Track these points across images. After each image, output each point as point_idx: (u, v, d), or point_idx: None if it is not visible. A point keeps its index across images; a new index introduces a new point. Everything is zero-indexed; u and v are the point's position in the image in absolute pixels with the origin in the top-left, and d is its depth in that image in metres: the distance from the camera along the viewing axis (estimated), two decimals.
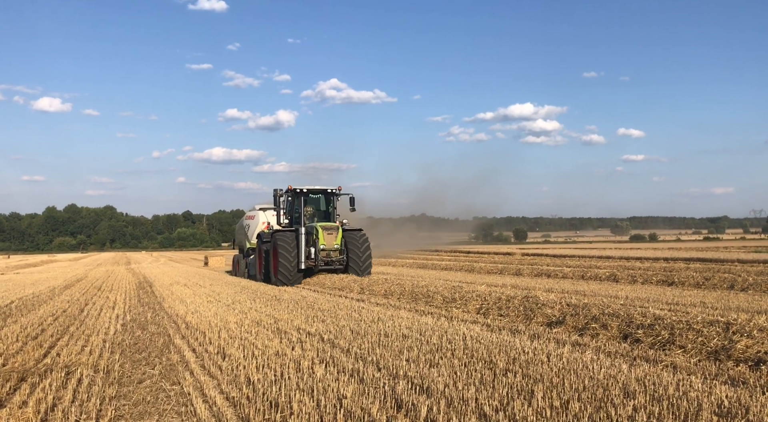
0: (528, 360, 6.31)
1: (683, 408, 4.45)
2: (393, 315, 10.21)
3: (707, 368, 6.02)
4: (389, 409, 4.61)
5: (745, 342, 6.41)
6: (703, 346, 6.66)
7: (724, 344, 6.55)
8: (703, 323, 7.14)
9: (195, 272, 28.19)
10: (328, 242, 18.72)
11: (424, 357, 6.57)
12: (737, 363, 6.12)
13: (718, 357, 6.38)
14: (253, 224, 24.75)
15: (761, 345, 6.28)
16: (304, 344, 7.51)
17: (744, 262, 21.68)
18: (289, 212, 20.40)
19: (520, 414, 4.35)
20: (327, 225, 18.97)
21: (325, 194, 20.54)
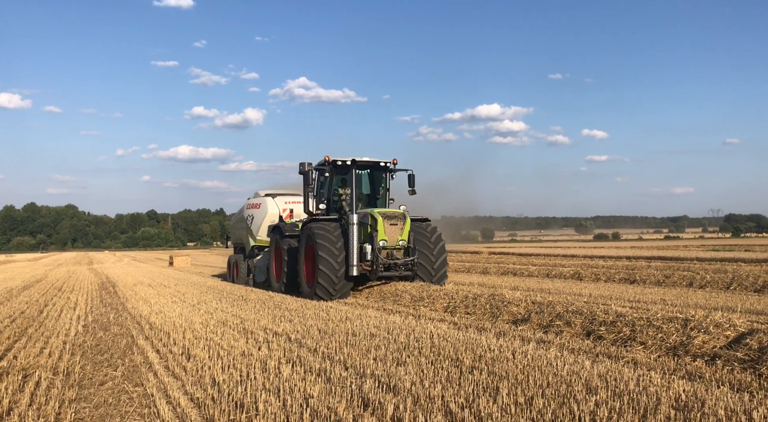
0: (494, 357, 6.38)
1: (643, 402, 4.56)
2: (361, 314, 10.21)
3: (666, 363, 6.18)
4: (356, 408, 4.61)
5: (702, 337, 6.60)
6: (663, 342, 6.84)
7: (682, 340, 6.74)
8: (663, 319, 7.33)
9: (160, 273, 27.70)
10: (391, 237, 13.21)
11: (391, 355, 6.59)
12: (694, 358, 6.30)
13: (676, 353, 6.56)
14: (258, 214, 18.97)
15: (717, 340, 6.48)
16: (271, 344, 7.45)
17: (702, 260, 22.33)
18: (324, 194, 14.87)
19: (486, 410, 4.40)
20: (389, 212, 13.34)
21: (374, 168, 14.82)
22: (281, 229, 15.49)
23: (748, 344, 6.11)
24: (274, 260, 16.12)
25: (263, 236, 18.39)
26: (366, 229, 13.32)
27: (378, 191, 15.17)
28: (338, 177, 14.91)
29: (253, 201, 19.84)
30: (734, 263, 20.34)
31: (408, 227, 13.37)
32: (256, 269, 18.23)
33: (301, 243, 14.04)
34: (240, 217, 20.85)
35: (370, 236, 13.15)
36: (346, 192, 14.76)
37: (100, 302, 13.98)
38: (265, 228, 18.17)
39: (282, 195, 19.36)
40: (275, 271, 16.09)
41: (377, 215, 13.16)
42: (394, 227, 13.23)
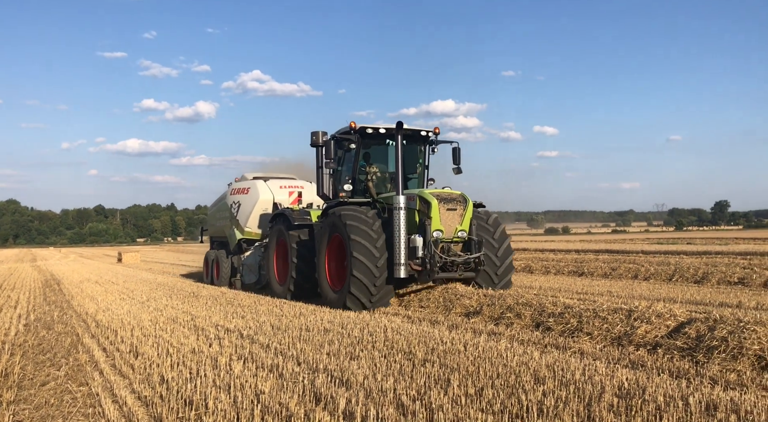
0: (446, 349, 6.46)
1: (588, 391, 4.70)
2: (315, 310, 10.18)
3: (611, 353, 6.39)
4: (308, 403, 4.59)
5: (645, 327, 6.85)
6: (608, 332, 7.06)
7: (626, 330, 6.98)
8: (609, 311, 7.56)
9: (108, 269, 26.89)
10: (449, 227, 10.22)
11: (345, 350, 6.59)
12: (637, 348, 6.54)
13: (621, 343, 6.79)
14: (246, 201, 15.84)
15: (658, 330, 6.74)
16: (222, 340, 7.34)
17: (647, 253, 23.14)
18: (348, 172, 11.73)
19: (437, 402, 4.45)
20: (445, 194, 10.43)
21: (411, 139, 11.68)
22: (288, 218, 12.45)
23: (687, 333, 6.37)
24: (275, 257, 13.15)
25: (253, 227, 15.65)
26: (413, 216, 10.30)
27: (413, 168, 12.10)
28: (364, 151, 11.85)
29: (239, 185, 16.47)
30: (677, 255, 21.17)
31: (470, 214, 10.33)
32: (245, 269, 15.22)
33: (321, 235, 11.07)
34: (221, 205, 17.38)
35: (419, 225, 10.16)
36: (373, 170, 11.80)
37: (44, 301, 13.47)
38: (256, 218, 15.57)
39: (276, 178, 16.33)
40: (277, 272, 13.10)
41: (430, 198, 10.14)
42: (452, 214, 10.23)
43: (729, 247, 25.20)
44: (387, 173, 12.23)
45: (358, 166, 11.82)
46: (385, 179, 12.15)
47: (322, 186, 12.23)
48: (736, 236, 45.19)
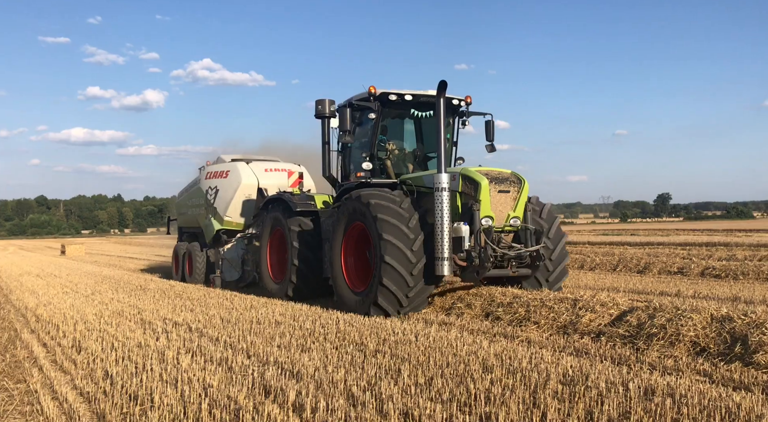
0: (397, 340, 6.51)
1: (534, 378, 4.83)
2: (267, 302, 10.07)
3: (557, 341, 6.57)
4: (257, 395, 4.55)
5: (589, 316, 7.07)
6: (554, 321, 7.25)
7: (572, 319, 7.18)
8: (555, 300, 7.77)
9: (50, 262, 25.90)
10: (500, 213, 8.46)
11: (296, 342, 6.56)
12: (582, 336, 6.74)
13: (566, 331, 6.99)
14: (226, 185, 13.94)
15: (602, 318, 6.96)
16: (170, 334, 7.19)
17: (593, 244, 23.85)
18: (366, 147, 9.96)
19: (387, 392, 4.48)
20: (495, 173, 8.62)
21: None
22: (288, 203, 10.71)
23: (629, 321, 6.61)
24: (268, 250, 11.44)
25: (234, 215, 13.79)
26: (454, 200, 8.44)
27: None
28: (390, 122, 10.25)
29: (216, 168, 14.47)
30: (621, 246, 21.89)
31: (525, 197, 8.57)
32: (225, 264, 13.45)
33: (337, 224, 9.24)
34: (194, 191, 15.30)
35: (463, 211, 8.38)
36: (391, 149, 10.17)
37: None
38: (238, 205, 13.73)
39: (259, 161, 14.50)
40: (271, 268, 11.42)
41: (479, 177, 8.31)
42: (504, 197, 8.42)
43: (670, 238, 26.25)
44: (407, 150, 10.49)
45: (377, 140, 9.92)
46: (406, 157, 10.36)
47: (328, 166, 10.28)
48: (677, 227, 47.12)
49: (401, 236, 8.15)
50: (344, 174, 10.53)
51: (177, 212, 17.03)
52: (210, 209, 14.31)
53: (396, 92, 9.70)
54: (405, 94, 9.72)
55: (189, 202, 15.81)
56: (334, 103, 10.21)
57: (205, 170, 14.92)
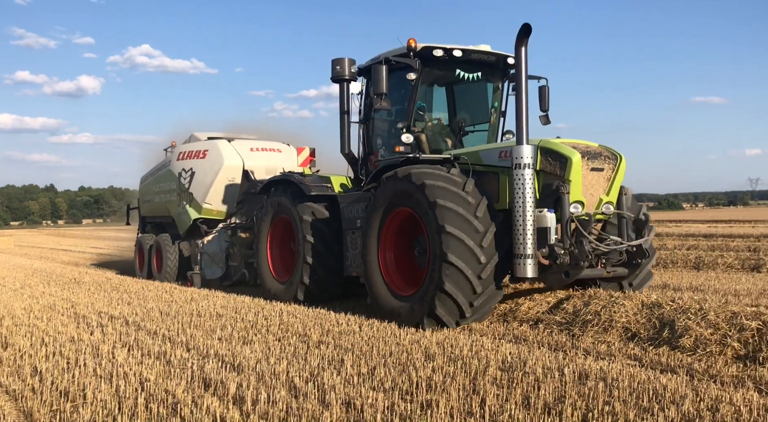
0: (341, 331, 6.51)
1: (474, 366, 4.93)
2: (208, 295, 9.87)
3: (497, 329, 6.72)
4: (196, 389, 4.46)
5: (528, 304, 7.27)
6: (495, 309, 7.41)
7: (511, 307, 7.37)
8: None
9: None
10: (590, 197, 6.96)
11: (238, 334, 6.46)
12: (521, 323, 6.93)
13: (506, 319, 7.16)
14: (204, 167, 12.03)
15: (540, 306, 7.17)
16: (105, 328, 6.94)
17: None
18: (403, 116, 8.31)
19: (329, 383, 4.48)
20: (583, 146, 7.03)
21: (489, 69, 8.41)
22: (299, 186, 8.96)
23: (565, 308, 6.83)
24: (268, 243, 9.70)
25: (214, 202, 11.94)
26: (543, 179, 6.91)
27: (483, 115, 8.78)
28: (423, 87, 8.48)
29: (191, 148, 12.46)
30: None
31: (621, 177, 7.09)
32: (206, 259, 11.74)
33: (372, 211, 7.49)
34: (163, 174, 13.20)
35: (544, 194, 6.77)
36: (430, 122, 8.67)
37: None
38: (219, 190, 11.88)
39: (243, 139, 12.71)
40: (272, 264, 9.67)
41: (567, 151, 6.75)
42: (597, 177, 6.92)
43: None
44: (442, 121, 8.84)
45: (415, 107, 8.21)
46: (443, 130, 8.72)
47: (347, 141, 8.83)
48: None
49: (468, 229, 6.43)
50: (368, 151, 8.86)
51: (140, 200, 14.79)
52: (184, 196, 12.34)
53: (442, 47, 7.98)
54: (453, 50, 8.00)
55: (156, 188, 13.63)
56: (354, 63, 8.64)
57: (177, 149, 12.82)
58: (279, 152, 12.53)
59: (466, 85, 8.73)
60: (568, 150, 6.77)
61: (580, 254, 6.45)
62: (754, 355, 5.17)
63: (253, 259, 10.59)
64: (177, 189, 12.54)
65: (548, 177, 6.83)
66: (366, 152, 8.93)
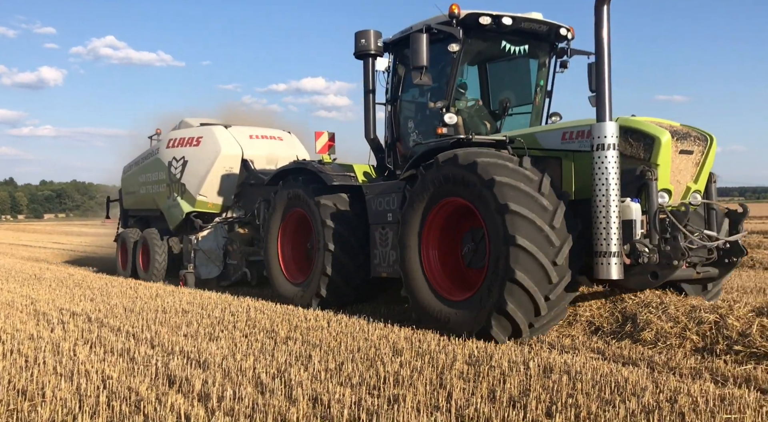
0: (309, 327, 6.48)
1: (441, 360, 4.96)
2: (173, 291, 9.73)
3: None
4: (160, 386, 4.39)
5: None
6: None
7: None
8: None
9: None
10: (678, 184, 6.09)
11: (204, 330, 6.38)
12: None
13: None
14: (197, 156, 11.10)
15: None
16: (67, 325, 6.78)
17: None
18: (442, 93, 7.43)
19: (296, 379, 4.46)
20: (666, 125, 6.08)
21: (536, 41, 7.60)
22: (318, 175, 8.04)
23: None
24: (279, 241, 8.77)
25: (209, 194, 11.04)
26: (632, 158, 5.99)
27: (526, 95, 7.96)
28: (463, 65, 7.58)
29: (182, 134, 11.50)
30: None
31: (711, 162, 6.29)
32: (201, 257, 10.87)
33: (414, 201, 6.56)
34: (150, 164, 12.14)
35: (628, 181, 5.78)
36: (467, 103, 7.83)
37: None
38: (215, 180, 10.97)
39: (242, 126, 11.81)
40: (284, 264, 8.75)
41: (655, 130, 5.92)
42: (685, 161, 6.13)
43: None
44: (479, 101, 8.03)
45: (455, 83, 7.32)
46: (481, 112, 7.91)
47: (372, 124, 8.10)
48: None
49: (541, 225, 5.52)
50: (395, 135, 7.97)
51: (123, 192, 13.65)
52: (175, 187, 11.33)
53: (489, 14, 7.09)
54: (502, 17, 7.06)
55: (141, 178, 12.50)
56: (380, 36, 7.82)
57: (166, 136, 11.83)
58: (280, 141, 11.72)
59: (507, 62, 7.98)
60: (655, 129, 5.90)
61: (674, 251, 5.49)
62: (712, 347, 5.33)
63: (256, 257, 10.03)
64: (167, 180, 11.51)
65: (628, 161, 5.85)
66: (393, 137, 8.01)
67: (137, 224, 13.20)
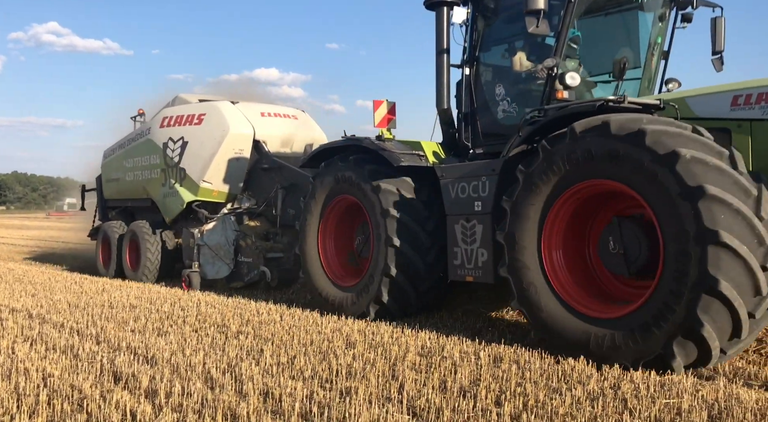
0: (261, 321, 6.41)
1: (394, 352, 4.99)
2: (122, 285, 9.46)
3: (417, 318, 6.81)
4: (105, 383, 4.26)
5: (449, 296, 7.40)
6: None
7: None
8: None
9: None
10: None
11: (152, 325, 6.23)
12: (441, 309, 7.07)
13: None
14: (202, 136, 9.72)
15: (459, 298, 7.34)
16: (5, 322, 6.50)
17: None
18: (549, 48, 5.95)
19: (247, 373, 4.40)
20: None
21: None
22: (383, 155, 6.61)
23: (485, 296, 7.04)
24: (320, 235, 7.35)
25: (215, 180, 9.67)
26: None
27: (636, 56, 6.55)
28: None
29: (180, 111, 10.10)
30: None
31: None
32: (206, 253, 9.33)
33: (530, 190, 5.16)
34: (138, 147, 10.74)
35: None
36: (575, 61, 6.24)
37: None
38: (221, 165, 9.60)
39: (250, 102, 10.48)
40: (326, 263, 7.35)
41: None
42: None
43: None
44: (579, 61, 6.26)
45: (567, 35, 5.93)
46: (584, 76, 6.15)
47: (447, 92, 6.72)
48: None
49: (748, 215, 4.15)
50: (476, 105, 6.59)
51: (103, 179, 12.03)
52: (173, 172, 9.94)
53: None
54: None
55: (127, 163, 11.03)
56: None
57: (159, 114, 10.44)
58: (295, 120, 10.45)
59: (615, 16, 6.55)
60: None
61: None
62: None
63: (274, 253, 9.05)
64: (161, 164, 10.09)
65: None
66: (473, 107, 6.59)
67: (120, 217, 11.69)
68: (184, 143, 9.81)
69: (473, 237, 5.97)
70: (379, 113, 7.42)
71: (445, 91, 6.70)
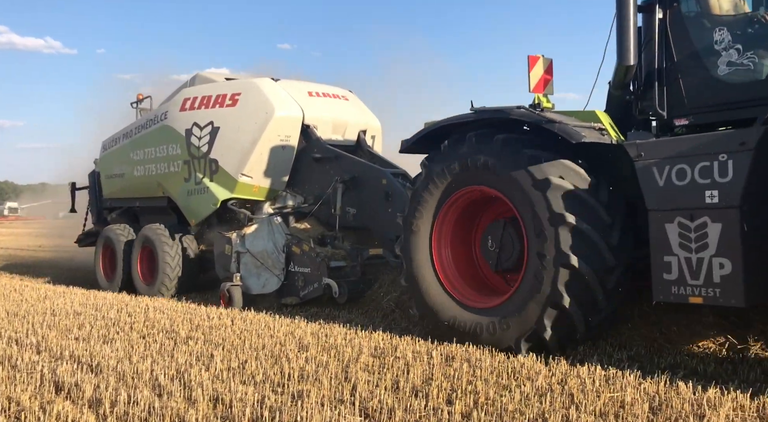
0: (211, 325, 6.30)
1: (347, 354, 4.98)
2: (65, 292, 9.13)
3: (372, 319, 6.83)
4: (46, 394, 4.10)
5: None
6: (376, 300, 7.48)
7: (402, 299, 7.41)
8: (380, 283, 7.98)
9: None
10: None
11: (98, 333, 6.03)
12: (394, 310, 7.09)
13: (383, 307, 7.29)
14: (237, 120, 8.05)
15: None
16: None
17: None
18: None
19: (197, 379, 4.31)
20: None
21: None
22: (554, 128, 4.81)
23: None
24: (434, 238, 5.70)
25: (256, 174, 8.14)
26: None
27: None
28: None
29: (206, 91, 8.49)
30: None
31: None
32: (249, 262, 7.82)
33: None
34: (151, 135, 9.08)
35: None
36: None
37: None
38: (264, 154, 8.04)
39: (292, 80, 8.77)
40: (444, 275, 5.67)
41: None
42: None
43: None
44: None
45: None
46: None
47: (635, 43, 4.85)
48: None
49: None
50: (670, 66, 4.92)
51: (102, 176, 10.33)
52: (200, 165, 8.30)
53: None
54: None
55: (135, 155, 9.33)
56: None
57: (179, 96, 8.69)
58: (345, 101, 8.95)
59: None
60: None
61: None
62: (601, 332, 5.66)
63: (336, 262, 7.38)
64: (184, 155, 8.46)
65: None
66: (669, 64, 4.94)
67: (122, 219, 10.04)
68: (215, 128, 8.15)
69: (703, 241, 4.36)
70: (534, 73, 5.64)
71: (631, 41, 4.80)
